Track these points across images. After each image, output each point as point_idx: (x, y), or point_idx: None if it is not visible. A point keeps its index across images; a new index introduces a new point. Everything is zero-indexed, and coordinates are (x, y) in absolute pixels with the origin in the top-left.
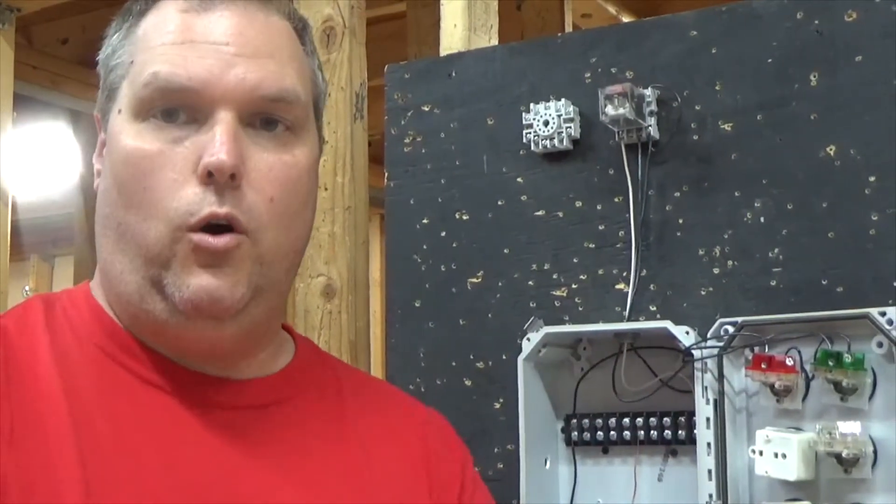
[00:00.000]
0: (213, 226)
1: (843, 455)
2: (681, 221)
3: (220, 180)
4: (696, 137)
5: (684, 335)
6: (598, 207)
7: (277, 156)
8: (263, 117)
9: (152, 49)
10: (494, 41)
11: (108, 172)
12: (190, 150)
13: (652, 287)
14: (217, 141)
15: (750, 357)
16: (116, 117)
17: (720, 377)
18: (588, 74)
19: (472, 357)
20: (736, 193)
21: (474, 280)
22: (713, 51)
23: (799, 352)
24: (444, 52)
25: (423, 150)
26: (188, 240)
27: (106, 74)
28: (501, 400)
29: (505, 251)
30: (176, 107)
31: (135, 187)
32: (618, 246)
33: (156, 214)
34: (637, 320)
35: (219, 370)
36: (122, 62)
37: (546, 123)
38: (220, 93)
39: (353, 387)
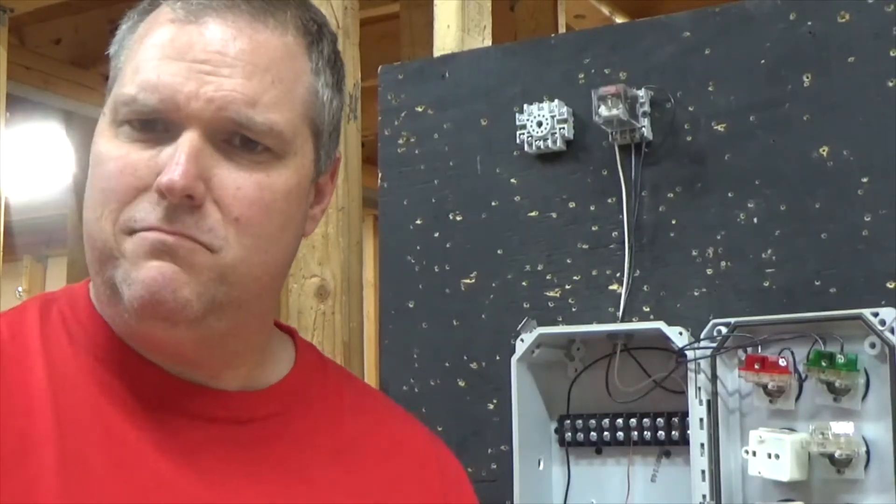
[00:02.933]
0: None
1: (836, 455)
2: (674, 222)
3: (172, 201)
4: (689, 138)
5: (677, 336)
6: (592, 208)
7: (250, 175)
8: (243, 137)
9: (139, 61)
10: (488, 42)
11: (88, 172)
12: (155, 160)
13: (645, 288)
14: (174, 161)
15: (743, 358)
16: (101, 118)
17: (713, 378)
18: (581, 75)
19: (465, 358)
20: (729, 194)
21: (468, 281)
22: (706, 52)
23: (792, 352)
24: (437, 52)
25: (417, 151)
26: (132, 238)
27: (112, 67)
28: (495, 400)
29: (498, 252)
30: (152, 119)
31: (98, 188)
32: (611, 247)
33: (108, 215)
34: (630, 321)
35: (210, 379)
36: (119, 61)
37: (539, 124)
38: (185, 114)
39: (354, 399)
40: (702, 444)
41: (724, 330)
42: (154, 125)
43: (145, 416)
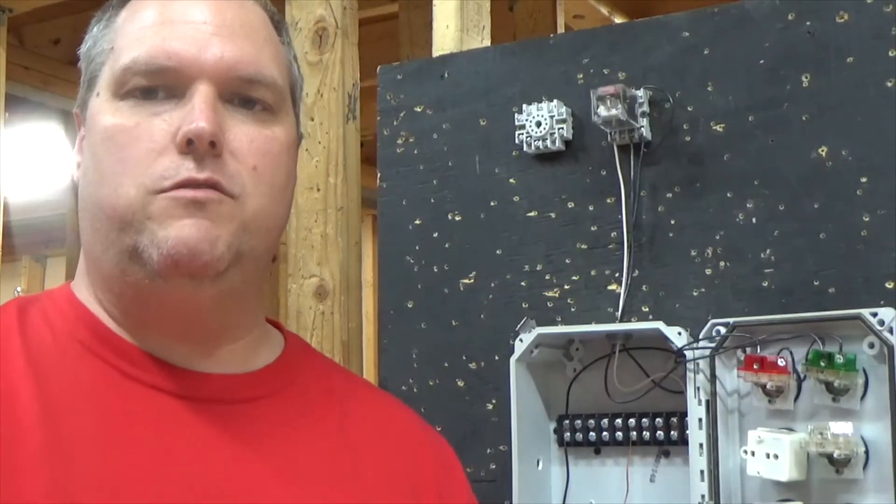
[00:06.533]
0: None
1: (835, 455)
2: (673, 222)
3: (199, 147)
4: (688, 138)
5: (676, 336)
6: (591, 208)
7: (258, 129)
8: (241, 97)
9: (132, 34)
10: (487, 42)
11: (88, 154)
12: (168, 122)
13: (644, 288)
14: (196, 110)
15: (742, 358)
16: (95, 100)
17: (712, 378)
18: (580, 75)
19: (464, 358)
20: (728, 194)
21: (467, 281)
22: (705, 52)
23: (791, 352)
24: (436, 52)
25: (416, 151)
26: (161, 198)
27: (87, 66)
28: (494, 401)
29: (497, 252)
30: (155, 86)
31: (110, 160)
32: (610, 247)
33: (129, 182)
34: (629, 321)
35: (202, 357)
36: (102, 50)
37: (538, 124)
38: (197, 69)
39: (343, 385)
40: (700, 444)
41: (722, 330)
42: (156, 93)
43: (133, 396)
